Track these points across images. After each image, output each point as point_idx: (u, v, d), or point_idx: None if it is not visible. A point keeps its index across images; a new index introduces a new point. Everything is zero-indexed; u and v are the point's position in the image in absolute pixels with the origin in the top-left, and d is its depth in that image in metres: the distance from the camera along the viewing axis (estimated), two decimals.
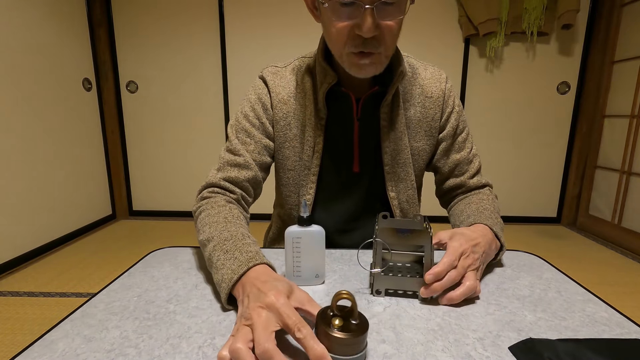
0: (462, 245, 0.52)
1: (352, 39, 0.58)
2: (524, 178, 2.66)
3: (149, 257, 0.66)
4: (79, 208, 2.38)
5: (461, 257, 0.51)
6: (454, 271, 0.49)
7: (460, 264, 0.51)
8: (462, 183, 0.77)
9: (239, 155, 0.69)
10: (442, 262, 0.49)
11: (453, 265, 0.50)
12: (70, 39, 2.28)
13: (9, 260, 1.85)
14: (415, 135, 0.74)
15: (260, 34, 2.50)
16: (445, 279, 0.49)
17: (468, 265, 0.51)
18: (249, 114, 0.72)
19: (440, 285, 0.48)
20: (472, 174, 0.78)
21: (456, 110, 0.76)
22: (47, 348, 0.40)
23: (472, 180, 0.77)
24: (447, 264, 0.49)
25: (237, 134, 0.71)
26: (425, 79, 0.74)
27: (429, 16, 2.43)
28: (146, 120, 2.69)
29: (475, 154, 0.79)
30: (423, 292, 0.49)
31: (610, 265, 2.00)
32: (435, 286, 0.48)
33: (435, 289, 0.48)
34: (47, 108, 2.10)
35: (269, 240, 0.89)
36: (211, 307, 0.48)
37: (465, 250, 0.52)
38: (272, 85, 0.73)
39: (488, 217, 0.64)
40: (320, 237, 0.53)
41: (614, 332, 0.44)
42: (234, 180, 0.68)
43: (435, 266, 0.49)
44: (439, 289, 0.48)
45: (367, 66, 0.61)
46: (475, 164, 0.78)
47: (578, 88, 2.51)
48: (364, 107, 0.71)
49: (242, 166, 0.69)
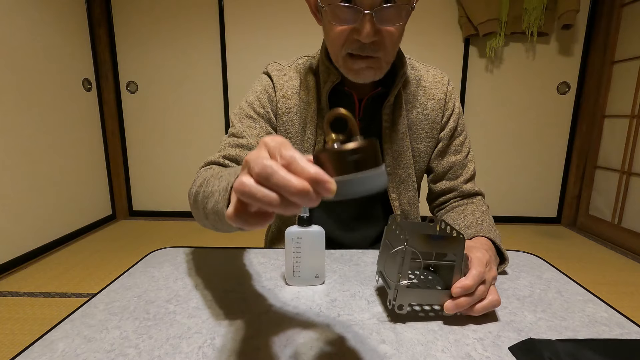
0: (484, 256, 0.48)
1: (350, 43, 0.58)
2: (523, 178, 2.66)
3: (149, 257, 0.66)
4: (79, 208, 2.38)
5: (487, 267, 0.47)
6: (483, 286, 0.46)
7: (488, 276, 0.47)
8: (455, 187, 0.76)
9: (242, 137, 0.67)
10: (472, 275, 0.44)
11: (483, 278, 0.46)
12: (70, 39, 2.28)
13: (9, 260, 1.85)
14: (417, 137, 0.74)
15: (260, 34, 2.50)
16: (476, 294, 0.45)
17: (492, 279, 0.48)
18: (254, 102, 0.71)
19: (468, 301, 0.44)
20: (466, 179, 0.76)
21: (456, 112, 0.76)
22: (47, 348, 0.40)
23: (466, 186, 0.76)
24: (476, 277, 0.45)
25: (242, 120, 0.70)
26: (427, 81, 0.74)
27: (429, 16, 2.43)
28: (146, 120, 2.69)
29: (471, 160, 0.78)
30: (449, 308, 0.44)
31: (610, 265, 2.00)
32: (461, 301, 0.44)
33: (461, 304, 0.44)
34: (47, 108, 2.10)
35: (269, 239, 0.89)
36: (211, 307, 0.48)
37: (488, 261, 0.48)
38: (276, 80, 0.73)
39: (488, 230, 0.62)
40: (320, 238, 0.53)
41: (614, 332, 0.44)
42: (234, 158, 0.65)
43: (464, 279, 0.44)
44: (465, 305, 0.44)
45: (364, 70, 0.61)
46: (470, 169, 0.77)
47: (578, 88, 2.51)
48: (366, 108, 0.71)
49: (245, 147, 0.66)
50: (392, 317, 0.46)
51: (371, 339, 0.42)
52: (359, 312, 0.47)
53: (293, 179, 0.25)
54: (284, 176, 0.25)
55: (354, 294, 0.52)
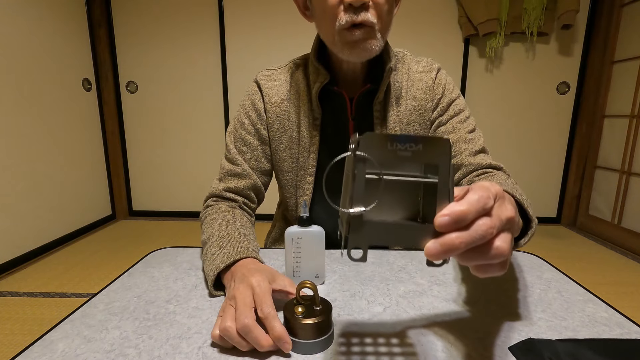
0: (493, 186, 0.31)
1: (344, 11, 0.58)
2: (523, 178, 2.66)
3: (149, 257, 0.66)
4: (79, 208, 2.38)
5: (496, 200, 0.30)
6: (488, 219, 0.28)
7: (497, 211, 0.29)
8: (461, 161, 0.67)
9: (237, 164, 0.72)
10: (468, 199, 0.28)
11: (485, 206, 0.28)
12: (70, 39, 2.28)
13: (9, 260, 1.85)
14: (408, 130, 0.73)
15: (260, 33, 2.50)
16: (475, 228, 0.27)
17: (507, 218, 0.30)
18: (244, 121, 0.74)
19: (461, 239, 0.27)
20: (473, 151, 0.66)
21: (447, 95, 0.73)
22: (47, 348, 0.40)
23: (475, 159, 0.65)
24: (475, 201, 0.28)
25: (235, 142, 0.73)
26: (417, 73, 0.74)
27: (429, 16, 2.43)
28: (146, 120, 2.69)
29: (478, 137, 0.69)
30: (431, 249, 0.27)
31: (610, 265, 2.00)
32: (451, 239, 0.27)
33: (450, 243, 0.27)
34: (47, 108, 2.10)
35: (270, 240, 0.89)
36: (211, 308, 0.48)
37: (499, 193, 0.31)
38: (265, 89, 0.73)
39: (511, 189, 0.49)
40: (320, 237, 0.53)
41: (614, 332, 0.44)
42: (234, 190, 0.71)
43: (456, 203, 0.27)
44: (456, 244, 0.27)
45: (360, 42, 0.60)
46: (477, 142, 0.68)
47: (578, 88, 2.51)
48: (358, 106, 0.71)
49: (241, 175, 0.71)
50: (392, 317, 0.46)
51: (371, 339, 0.42)
52: (358, 312, 0.47)
53: (262, 339, 0.38)
54: (256, 336, 0.38)
55: (354, 294, 0.52)
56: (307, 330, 0.39)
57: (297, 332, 0.39)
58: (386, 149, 0.28)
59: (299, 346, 0.39)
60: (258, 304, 0.41)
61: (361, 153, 0.28)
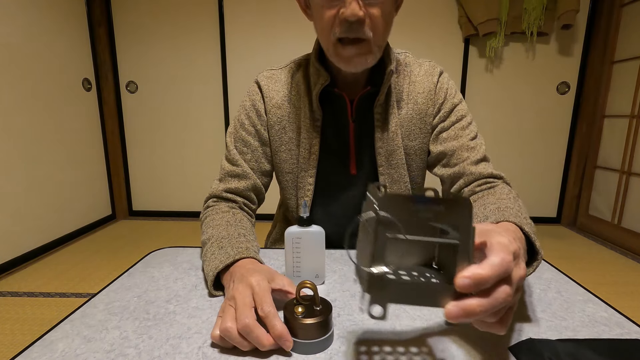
0: (512, 243, 0.31)
1: (338, 25, 0.58)
2: (523, 178, 2.66)
3: (148, 257, 0.66)
4: (79, 208, 2.38)
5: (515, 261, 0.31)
6: (508, 288, 0.29)
7: (515, 275, 0.30)
8: (462, 170, 0.67)
9: (237, 165, 0.71)
10: (490, 263, 0.28)
11: (507, 270, 0.29)
12: (70, 39, 2.28)
13: (9, 260, 1.85)
14: (409, 134, 0.72)
15: (260, 33, 2.50)
16: (495, 295, 0.28)
17: (520, 277, 0.31)
18: (245, 121, 0.73)
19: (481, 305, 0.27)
20: (475, 160, 0.67)
21: (449, 99, 0.71)
22: (47, 348, 0.40)
23: (476, 168, 0.66)
24: (497, 266, 0.28)
25: (235, 143, 0.73)
26: (418, 76, 0.73)
27: (429, 16, 2.43)
28: (146, 120, 2.69)
29: (480, 144, 0.69)
30: (451, 312, 0.28)
31: (610, 265, 2.00)
32: (471, 304, 0.27)
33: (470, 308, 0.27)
34: (47, 108, 2.10)
35: (271, 240, 0.89)
36: (211, 308, 0.48)
37: (516, 252, 0.32)
38: (266, 90, 0.73)
39: (516, 215, 0.48)
40: (320, 238, 0.53)
41: (614, 332, 0.44)
42: (234, 191, 0.71)
43: (478, 266, 0.28)
44: (476, 310, 0.27)
45: (354, 58, 0.60)
46: (479, 151, 0.68)
47: (578, 88, 2.51)
48: (359, 108, 0.71)
49: (241, 176, 0.71)
50: (392, 317, 0.46)
51: (371, 339, 0.42)
52: (358, 312, 0.47)
53: (264, 339, 0.38)
54: (258, 336, 0.38)
55: (354, 294, 0.52)
56: (307, 330, 0.39)
57: (297, 332, 0.39)
58: (407, 209, 0.29)
59: (299, 346, 0.39)
60: (258, 303, 0.41)
61: (385, 214, 0.29)
